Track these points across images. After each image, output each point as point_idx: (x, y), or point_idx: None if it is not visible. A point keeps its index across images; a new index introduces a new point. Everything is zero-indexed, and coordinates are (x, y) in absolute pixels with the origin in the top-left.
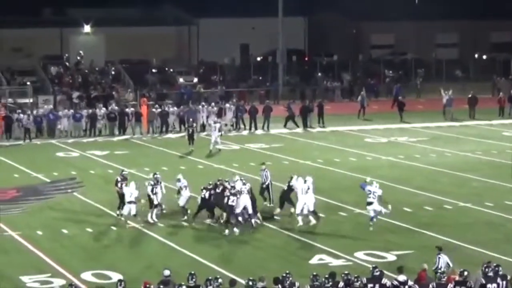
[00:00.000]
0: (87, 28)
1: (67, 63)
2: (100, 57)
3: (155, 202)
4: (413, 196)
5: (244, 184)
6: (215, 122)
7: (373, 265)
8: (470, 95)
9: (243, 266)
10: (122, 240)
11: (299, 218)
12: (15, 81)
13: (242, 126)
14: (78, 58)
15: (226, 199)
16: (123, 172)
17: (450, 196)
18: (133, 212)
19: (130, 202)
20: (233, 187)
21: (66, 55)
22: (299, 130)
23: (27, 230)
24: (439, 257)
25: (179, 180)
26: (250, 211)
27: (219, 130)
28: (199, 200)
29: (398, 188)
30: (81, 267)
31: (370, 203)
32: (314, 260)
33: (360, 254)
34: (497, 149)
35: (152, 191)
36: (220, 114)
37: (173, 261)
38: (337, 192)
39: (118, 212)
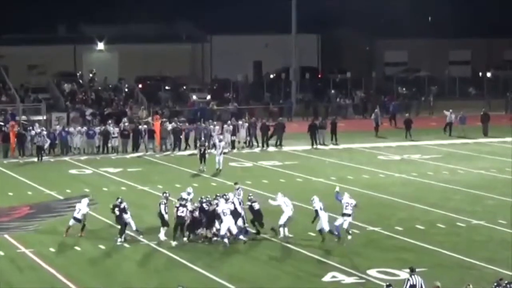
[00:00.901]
0: (100, 45)
1: (80, 81)
2: (113, 74)
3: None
4: (426, 214)
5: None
6: (220, 141)
7: (387, 283)
8: (482, 112)
9: (255, 282)
10: (134, 257)
11: (281, 229)
12: (29, 98)
13: (255, 143)
14: (91, 75)
15: (175, 209)
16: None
17: (463, 213)
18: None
19: (75, 218)
20: (184, 199)
21: (80, 72)
22: (308, 147)
23: (40, 247)
24: (407, 279)
25: (189, 194)
26: (235, 231)
27: (224, 148)
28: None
29: (411, 206)
30: (94, 284)
31: (348, 215)
32: (327, 277)
33: (373, 272)
34: (510, 167)
35: (165, 210)
36: (233, 131)
37: (185, 278)
38: None
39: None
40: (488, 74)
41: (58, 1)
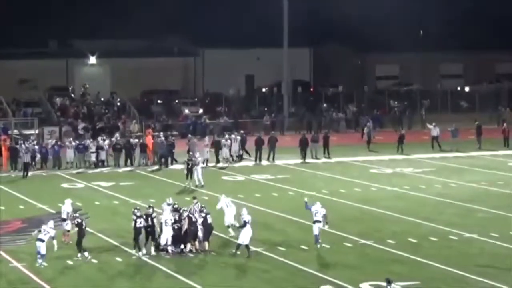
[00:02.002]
0: (92, 59)
1: (72, 95)
2: (105, 88)
3: (156, 235)
4: (418, 227)
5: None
6: (197, 157)
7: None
8: (476, 125)
9: None
10: (127, 272)
11: (230, 229)
12: (20, 112)
13: (245, 156)
14: (83, 89)
15: (133, 222)
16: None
17: (456, 227)
18: (67, 228)
19: (64, 220)
20: (138, 210)
21: (71, 86)
22: (300, 161)
23: (32, 261)
24: None
25: (169, 204)
26: (163, 242)
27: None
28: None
29: (403, 219)
30: None
31: (318, 221)
32: None
33: (365, 285)
34: (502, 180)
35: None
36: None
37: None
38: (342, 223)
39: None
40: (467, 89)
41: (49, 16)
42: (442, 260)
